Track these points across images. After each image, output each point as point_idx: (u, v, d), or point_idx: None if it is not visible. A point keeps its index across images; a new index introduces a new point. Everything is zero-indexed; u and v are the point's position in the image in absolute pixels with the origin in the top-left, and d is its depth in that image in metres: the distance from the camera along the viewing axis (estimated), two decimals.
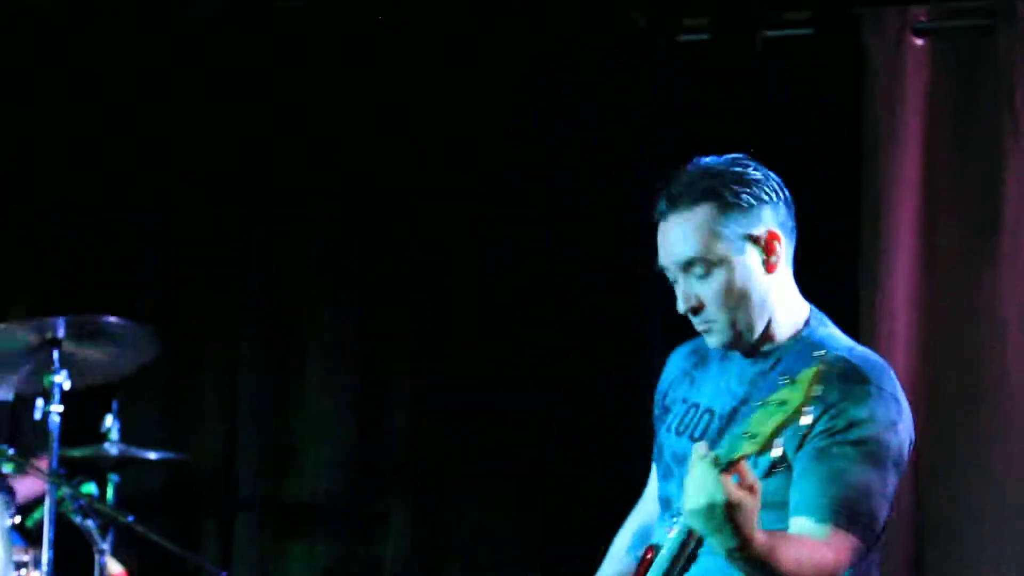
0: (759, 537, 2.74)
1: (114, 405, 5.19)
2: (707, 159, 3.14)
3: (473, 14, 5.57)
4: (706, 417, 3.14)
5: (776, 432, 2.65)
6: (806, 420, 2.67)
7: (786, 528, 2.95)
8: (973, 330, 4.95)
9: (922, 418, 5.00)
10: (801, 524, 2.91)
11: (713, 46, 5.36)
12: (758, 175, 3.11)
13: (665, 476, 3.22)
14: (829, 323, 3.17)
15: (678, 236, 3.07)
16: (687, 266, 3.07)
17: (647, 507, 3.42)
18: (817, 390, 2.65)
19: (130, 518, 5.07)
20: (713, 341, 3.11)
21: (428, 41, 5.63)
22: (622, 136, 5.46)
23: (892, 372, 3.05)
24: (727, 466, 2.69)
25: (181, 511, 5.90)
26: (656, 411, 3.36)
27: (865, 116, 5.11)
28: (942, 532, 4.96)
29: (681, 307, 3.09)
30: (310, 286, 5.95)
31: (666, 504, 3.19)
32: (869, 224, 5.08)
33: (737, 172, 3.10)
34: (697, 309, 3.08)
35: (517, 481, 5.71)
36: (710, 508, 2.69)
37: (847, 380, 2.96)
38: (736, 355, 3.15)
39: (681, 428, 3.18)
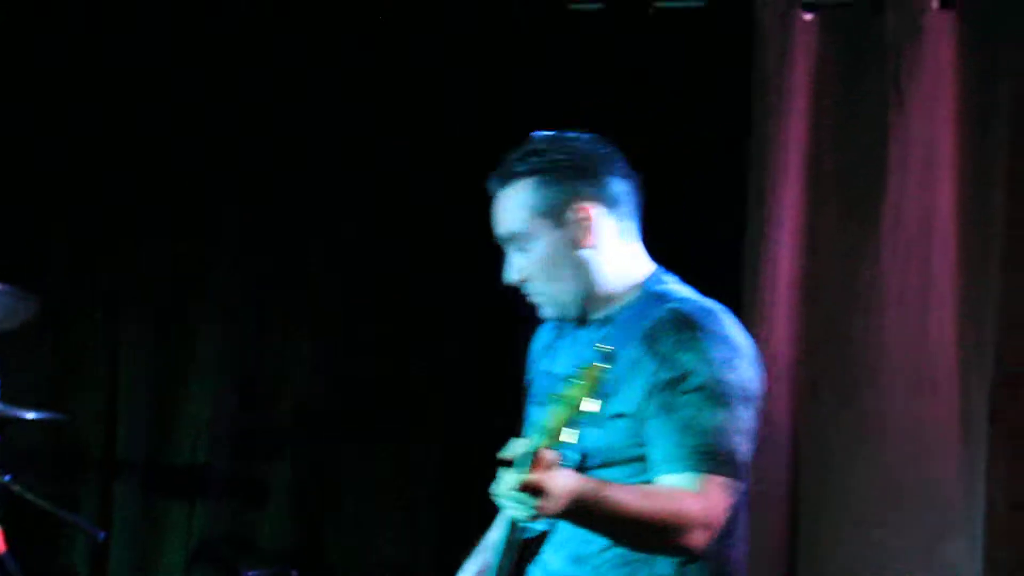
0: (585, 494, 2.83)
1: None
2: (541, 134, 3.20)
3: None
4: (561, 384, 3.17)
5: (561, 426, 2.76)
6: (590, 407, 2.78)
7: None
8: (854, 309, 4.99)
9: (802, 400, 5.07)
10: (668, 480, 2.96)
11: (605, 16, 5.37)
12: (585, 150, 3.18)
13: None
14: (669, 278, 3.21)
15: (501, 212, 3.16)
16: (508, 241, 3.16)
17: None
18: (596, 385, 2.77)
19: (7, 477, 5.02)
20: (544, 312, 3.20)
21: None
22: (511, 104, 5.46)
23: (726, 315, 3.10)
24: (527, 456, 2.78)
25: (60, 472, 5.84)
26: (525, 386, 3.41)
27: (754, 89, 5.13)
28: (820, 517, 5.00)
29: (508, 279, 3.18)
30: (200, 243, 5.90)
31: None
32: (755, 198, 5.12)
33: (561, 147, 3.16)
34: (523, 282, 3.16)
35: (404, 451, 5.72)
36: (520, 502, 2.78)
37: (677, 329, 3.02)
38: (588, 323, 3.19)
39: (541, 398, 3.21)
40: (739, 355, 3.05)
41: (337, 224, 5.76)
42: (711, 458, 2.95)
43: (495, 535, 3.34)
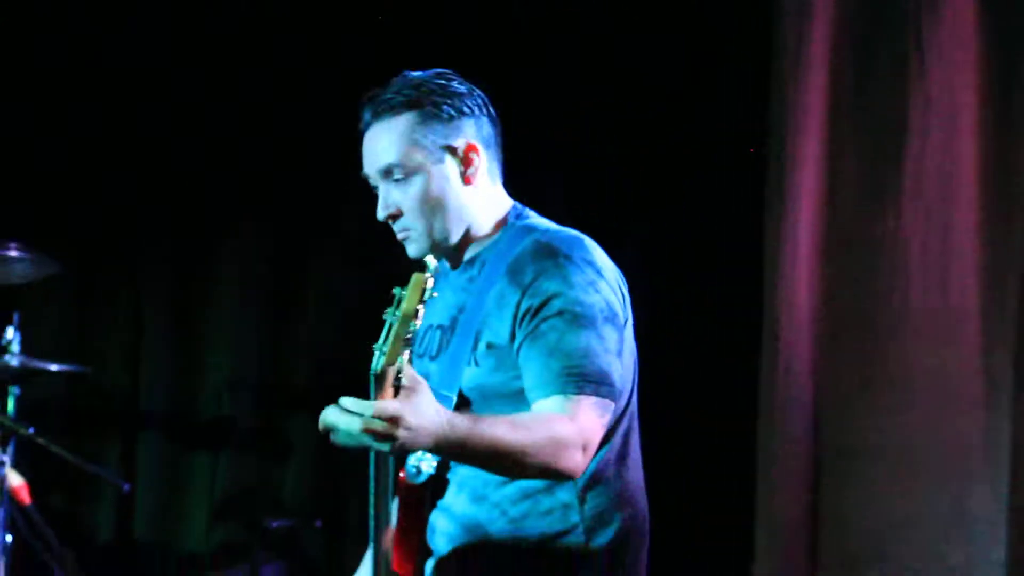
0: (452, 429, 2.75)
1: (15, 317, 5.15)
2: (413, 72, 3.19)
3: None
4: (437, 334, 3.15)
5: (395, 342, 2.70)
6: (418, 322, 2.72)
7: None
8: (875, 264, 4.98)
9: (822, 352, 5.07)
10: (540, 406, 2.93)
11: None
12: (462, 88, 3.18)
13: None
14: (531, 213, 3.20)
15: (378, 144, 3.12)
16: (386, 173, 3.11)
17: None
18: (423, 293, 2.72)
19: (31, 430, 5.04)
20: (411, 249, 3.15)
21: None
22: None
23: (588, 241, 3.09)
24: (375, 382, 2.72)
25: (83, 424, 5.88)
26: None
27: (773, 48, 5.11)
28: (843, 471, 5.00)
29: (380, 214, 3.14)
30: (222, 200, 5.91)
31: None
32: (774, 155, 5.10)
33: (440, 84, 3.16)
34: (395, 216, 3.12)
35: None
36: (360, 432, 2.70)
37: (538, 258, 3.01)
38: (456, 268, 3.18)
39: (421, 351, 3.19)
40: (601, 277, 3.03)
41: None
42: (578, 379, 2.92)
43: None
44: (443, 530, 3.10)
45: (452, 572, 3.10)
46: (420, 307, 2.71)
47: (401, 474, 3.04)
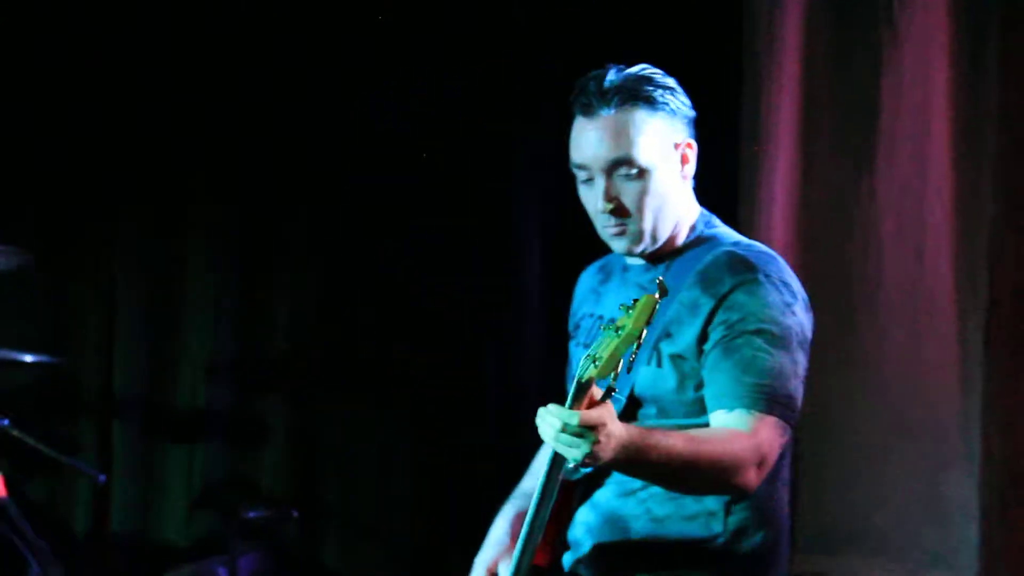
0: (635, 442, 2.77)
1: None
2: (622, 67, 3.15)
3: None
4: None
5: (613, 357, 2.68)
6: (640, 344, 2.70)
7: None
8: (849, 245, 4.99)
9: None
10: (720, 417, 2.95)
11: None
12: (674, 83, 3.16)
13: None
14: (718, 223, 3.22)
15: (608, 135, 3.08)
16: (615, 165, 3.08)
17: None
18: (652, 316, 2.69)
19: (4, 421, 5.02)
20: (621, 245, 3.13)
21: None
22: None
23: (780, 260, 3.11)
24: (578, 389, 2.72)
25: (58, 415, 5.85)
26: (570, 331, 3.40)
27: (745, 27, 5.11)
28: (821, 451, 5.00)
29: (600, 206, 3.09)
30: (195, 189, 5.89)
31: None
32: (748, 137, 5.10)
33: (662, 79, 3.14)
34: (618, 211, 3.09)
35: (400, 396, 5.73)
36: (567, 436, 2.70)
37: (734, 272, 3.02)
38: (635, 265, 3.19)
39: (588, 340, 3.20)
40: (797, 300, 3.06)
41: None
42: (768, 397, 2.94)
43: (531, 481, 3.31)
44: (583, 521, 3.12)
45: (591, 565, 3.11)
46: (645, 330, 2.70)
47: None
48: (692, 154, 3.15)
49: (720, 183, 5.07)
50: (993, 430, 4.43)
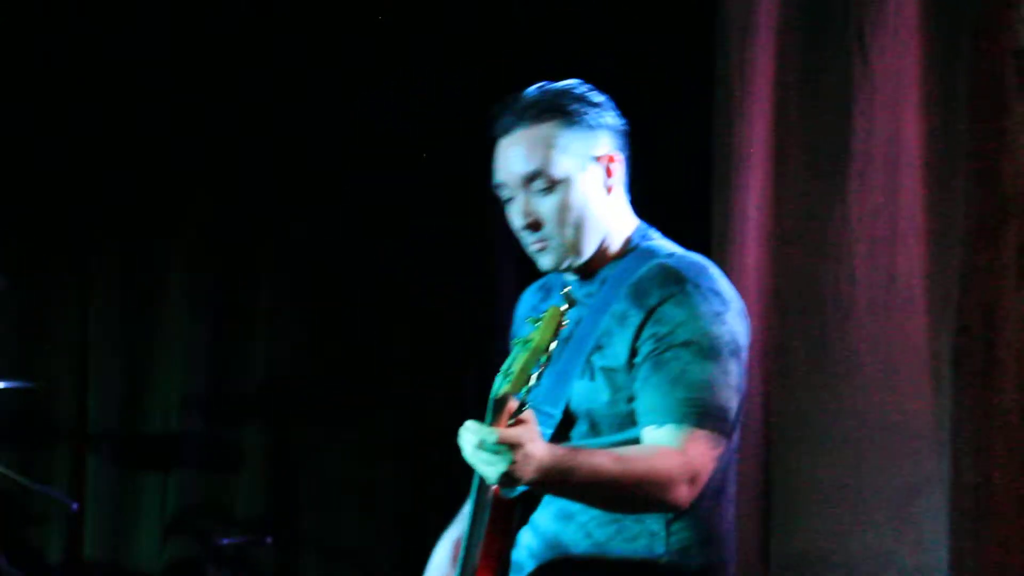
0: (557, 462, 2.75)
1: None
2: (547, 83, 3.16)
3: None
4: None
5: (523, 371, 2.67)
6: (549, 356, 2.70)
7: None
8: (822, 253, 4.98)
9: (774, 359, 5.07)
10: (650, 433, 2.92)
11: None
12: (600, 98, 3.15)
13: None
14: (656, 235, 3.20)
15: (522, 150, 3.07)
16: (528, 181, 3.07)
17: None
18: (559, 328, 2.68)
19: None
20: (545, 261, 3.12)
21: None
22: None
23: (713, 270, 3.08)
24: (495, 407, 2.72)
25: (30, 442, 5.83)
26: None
27: (718, 48, 5.11)
28: (792, 475, 4.99)
29: (518, 223, 3.09)
30: (170, 217, 5.88)
31: None
32: (720, 161, 5.10)
33: (581, 93, 3.13)
34: (535, 225, 3.08)
35: (374, 422, 5.72)
36: (485, 456, 2.70)
37: (664, 284, 2.99)
38: (572, 281, 3.16)
39: None
40: (728, 309, 3.03)
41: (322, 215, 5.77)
42: (698, 411, 2.91)
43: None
44: (527, 544, 3.09)
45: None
46: (554, 342, 2.69)
47: (495, 488, 3.00)
48: (618, 167, 3.11)
49: (693, 207, 5.11)
50: (963, 454, 4.42)
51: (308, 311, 5.79)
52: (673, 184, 5.15)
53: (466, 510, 3.02)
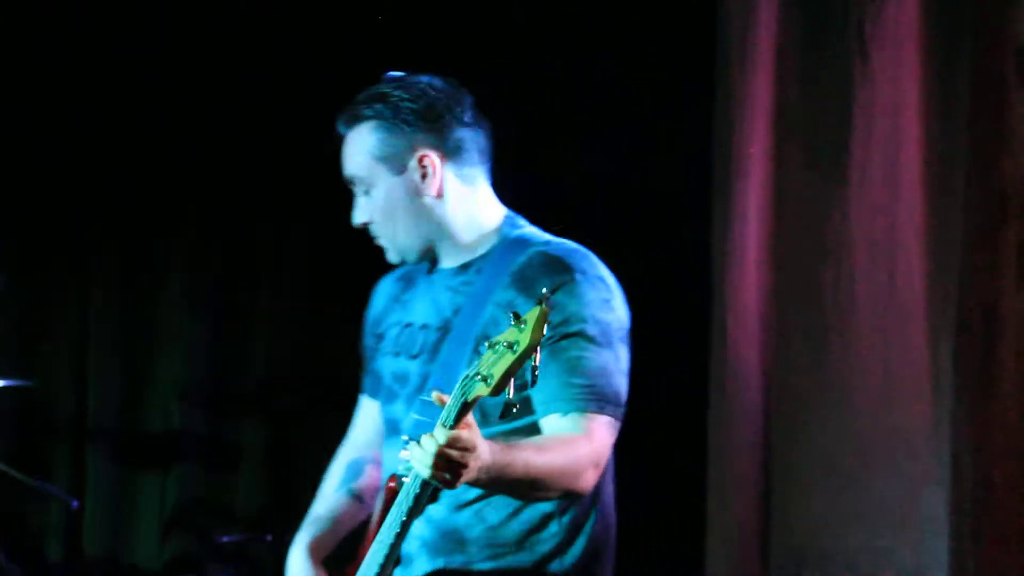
0: (495, 461, 2.80)
1: None
2: (392, 75, 3.30)
3: None
4: (422, 333, 3.18)
5: (508, 374, 2.68)
6: (538, 358, 2.70)
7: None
8: (822, 262, 4.98)
9: (773, 358, 5.07)
10: (553, 422, 2.98)
11: None
12: (428, 98, 3.21)
13: (389, 399, 3.25)
14: (524, 223, 3.23)
15: (346, 154, 3.19)
16: (352, 183, 3.19)
17: (356, 442, 3.50)
18: (543, 328, 2.67)
19: None
20: (388, 256, 3.22)
21: None
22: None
23: (593, 256, 3.13)
24: (463, 409, 2.73)
25: (30, 439, 5.83)
26: (368, 342, 3.39)
27: (719, 44, 5.11)
28: (792, 472, 5.00)
29: (355, 219, 3.20)
30: (171, 212, 5.89)
31: (393, 427, 3.22)
32: (720, 159, 5.11)
33: (407, 93, 3.21)
34: (366, 224, 3.19)
35: None
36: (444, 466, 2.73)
37: (550, 272, 3.04)
38: (444, 269, 3.20)
39: (398, 349, 3.22)
40: (613, 295, 3.09)
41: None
42: (598, 398, 2.98)
43: (323, 506, 3.36)
44: (418, 535, 3.11)
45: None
46: (539, 345, 2.67)
47: (391, 483, 3.04)
48: (432, 166, 3.14)
49: (693, 205, 5.12)
50: (962, 452, 4.43)
51: (308, 311, 5.79)
52: (673, 184, 5.16)
53: (326, 513, 3.26)
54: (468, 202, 3.18)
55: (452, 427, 2.73)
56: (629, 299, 5.17)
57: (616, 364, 3.03)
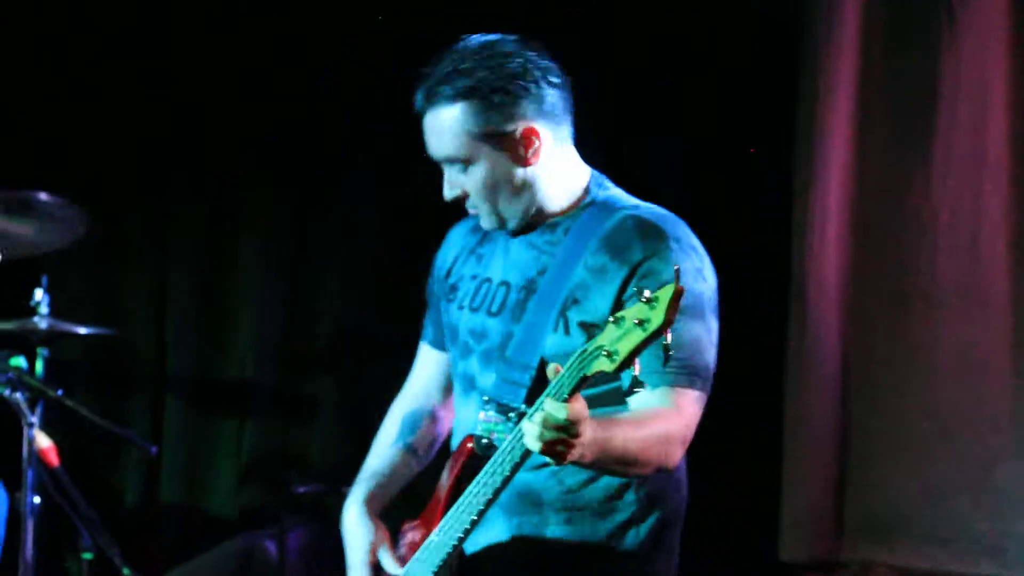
0: (596, 436, 2.75)
1: (44, 279, 5.15)
2: (469, 44, 3.17)
3: None
4: (502, 290, 3.13)
5: (636, 352, 2.62)
6: (669, 336, 2.62)
7: None
8: (904, 236, 4.96)
9: (853, 325, 5.05)
10: (642, 396, 2.90)
11: None
12: (515, 66, 3.10)
13: (464, 354, 3.20)
14: (610, 184, 3.18)
15: (435, 134, 3.10)
16: (445, 162, 3.11)
17: (415, 391, 3.47)
18: (677, 307, 2.60)
19: (59, 392, 5.05)
20: (485, 223, 3.14)
21: None
22: None
23: (684, 223, 3.07)
24: (580, 383, 2.68)
25: (111, 386, 5.89)
26: (437, 288, 3.35)
27: (803, 18, 5.08)
28: (870, 446, 4.98)
29: (447, 194, 3.13)
30: (245, 166, 5.91)
31: (469, 382, 3.19)
32: (803, 129, 5.08)
33: (492, 65, 3.09)
34: (462, 198, 3.12)
35: None
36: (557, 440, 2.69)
37: (644, 237, 2.99)
38: (532, 231, 3.15)
39: (476, 304, 3.18)
40: (705, 264, 3.04)
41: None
42: (688, 372, 2.93)
43: (377, 461, 3.37)
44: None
45: (502, 538, 3.12)
46: (670, 325, 2.60)
47: (469, 444, 3.04)
48: (537, 137, 3.06)
49: (775, 175, 5.10)
50: None
51: (382, 261, 5.80)
52: (756, 155, 5.14)
53: (381, 468, 3.27)
54: (563, 164, 3.12)
55: (566, 401, 2.68)
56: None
57: (708, 336, 2.97)
